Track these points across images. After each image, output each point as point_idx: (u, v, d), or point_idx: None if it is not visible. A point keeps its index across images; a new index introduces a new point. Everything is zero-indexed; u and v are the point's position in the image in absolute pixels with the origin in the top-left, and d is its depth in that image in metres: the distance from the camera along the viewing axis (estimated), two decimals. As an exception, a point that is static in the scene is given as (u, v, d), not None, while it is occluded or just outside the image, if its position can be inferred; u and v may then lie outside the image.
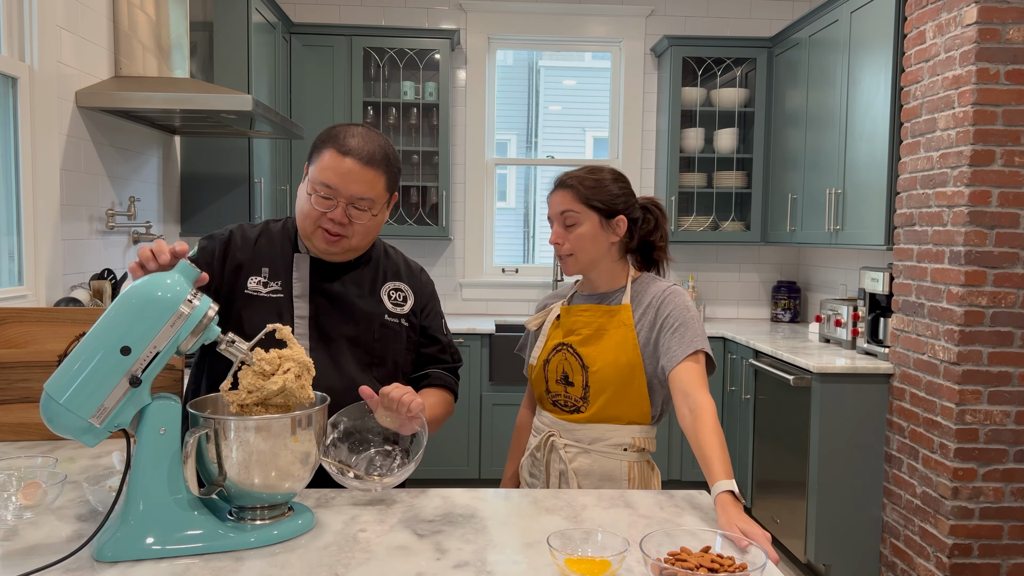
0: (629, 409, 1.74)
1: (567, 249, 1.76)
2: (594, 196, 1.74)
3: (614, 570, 1.14)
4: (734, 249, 5.01)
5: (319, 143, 1.61)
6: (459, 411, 4.32)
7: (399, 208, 4.74)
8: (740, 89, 4.69)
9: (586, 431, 1.75)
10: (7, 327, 1.91)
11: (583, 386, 1.75)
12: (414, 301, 1.76)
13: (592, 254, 1.77)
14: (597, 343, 1.75)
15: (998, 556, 2.90)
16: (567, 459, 1.74)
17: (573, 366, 1.77)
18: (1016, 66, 2.79)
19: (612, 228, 1.76)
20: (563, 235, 1.76)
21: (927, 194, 3.05)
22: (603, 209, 1.75)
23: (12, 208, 2.65)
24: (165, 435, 1.23)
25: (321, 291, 1.66)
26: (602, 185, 1.76)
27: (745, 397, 4.06)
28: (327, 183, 1.56)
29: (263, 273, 1.65)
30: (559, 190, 1.78)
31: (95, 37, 3.04)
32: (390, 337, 1.70)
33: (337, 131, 1.60)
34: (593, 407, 1.74)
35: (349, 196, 1.57)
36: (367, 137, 1.60)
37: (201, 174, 3.88)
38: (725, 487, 1.43)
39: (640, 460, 1.77)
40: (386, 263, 1.77)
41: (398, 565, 1.20)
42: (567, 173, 1.80)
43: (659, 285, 1.78)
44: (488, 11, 4.85)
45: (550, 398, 1.82)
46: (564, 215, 1.75)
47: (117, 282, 2.99)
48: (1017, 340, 2.85)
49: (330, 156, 1.57)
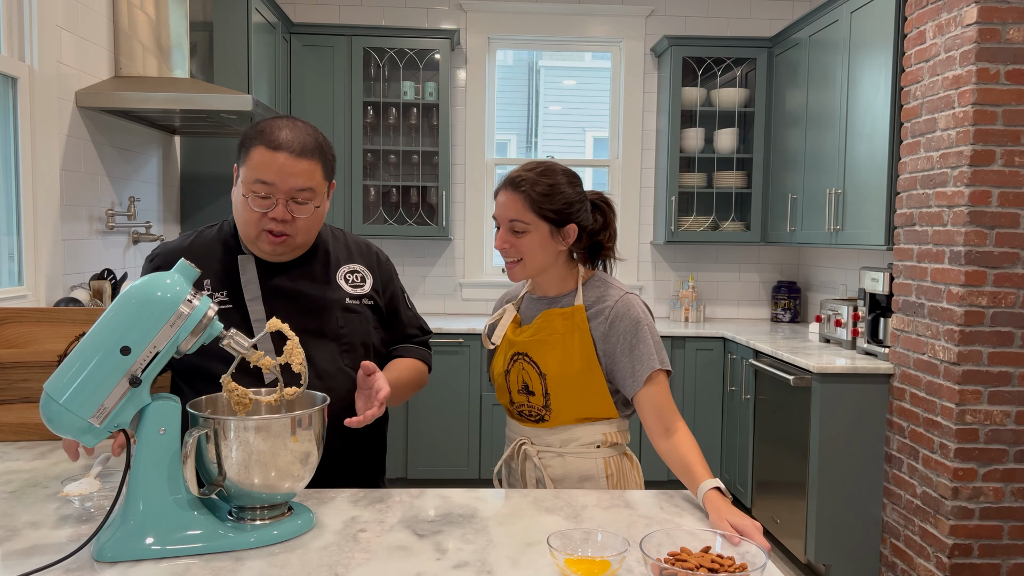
0: (594, 408, 1.69)
1: (513, 255, 1.68)
2: (547, 204, 1.64)
3: (614, 570, 1.14)
4: (734, 249, 5.01)
5: (246, 141, 1.53)
6: (459, 411, 4.33)
7: (399, 208, 4.75)
8: (740, 89, 4.69)
9: (556, 435, 1.70)
10: (7, 327, 1.91)
11: (543, 394, 1.68)
12: (373, 279, 1.70)
13: (540, 262, 1.68)
14: (552, 349, 1.68)
15: (998, 556, 2.90)
16: (541, 465, 1.70)
17: (531, 375, 1.70)
18: (1016, 66, 2.79)
19: (562, 236, 1.67)
20: (510, 240, 1.66)
21: (927, 194, 3.05)
22: (555, 219, 1.65)
23: (12, 208, 2.65)
24: (165, 435, 1.23)
25: (273, 289, 1.60)
26: (556, 191, 1.65)
27: (745, 397, 4.06)
28: (263, 180, 1.49)
29: (205, 286, 1.58)
30: (510, 192, 1.66)
31: (95, 37, 3.04)
32: (355, 321, 1.64)
33: (263, 126, 1.53)
34: (557, 414, 1.68)
35: (288, 190, 1.50)
36: (295, 128, 1.53)
37: (201, 174, 3.88)
38: (711, 485, 1.45)
39: (615, 454, 1.72)
40: (335, 247, 1.70)
41: (398, 565, 1.20)
42: (519, 174, 1.67)
43: (611, 294, 1.70)
44: (488, 11, 4.85)
45: (515, 408, 1.76)
46: (513, 223, 1.65)
47: (117, 282, 2.99)
48: (1017, 340, 2.85)
49: (260, 153, 1.49)
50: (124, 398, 1.20)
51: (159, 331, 1.21)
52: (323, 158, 1.56)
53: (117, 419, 1.21)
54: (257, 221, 1.53)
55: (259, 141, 1.51)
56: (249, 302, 1.58)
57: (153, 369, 1.22)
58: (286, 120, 1.55)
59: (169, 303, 1.22)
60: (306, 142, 1.52)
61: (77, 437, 1.19)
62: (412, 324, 1.79)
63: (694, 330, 4.39)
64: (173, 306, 1.22)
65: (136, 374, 1.20)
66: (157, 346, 1.21)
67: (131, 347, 1.19)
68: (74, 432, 1.19)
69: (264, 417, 1.29)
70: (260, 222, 1.53)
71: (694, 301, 4.81)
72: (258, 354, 1.32)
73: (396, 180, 4.72)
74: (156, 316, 1.21)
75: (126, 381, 1.20)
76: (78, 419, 1.18)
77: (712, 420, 4.33)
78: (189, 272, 1.26)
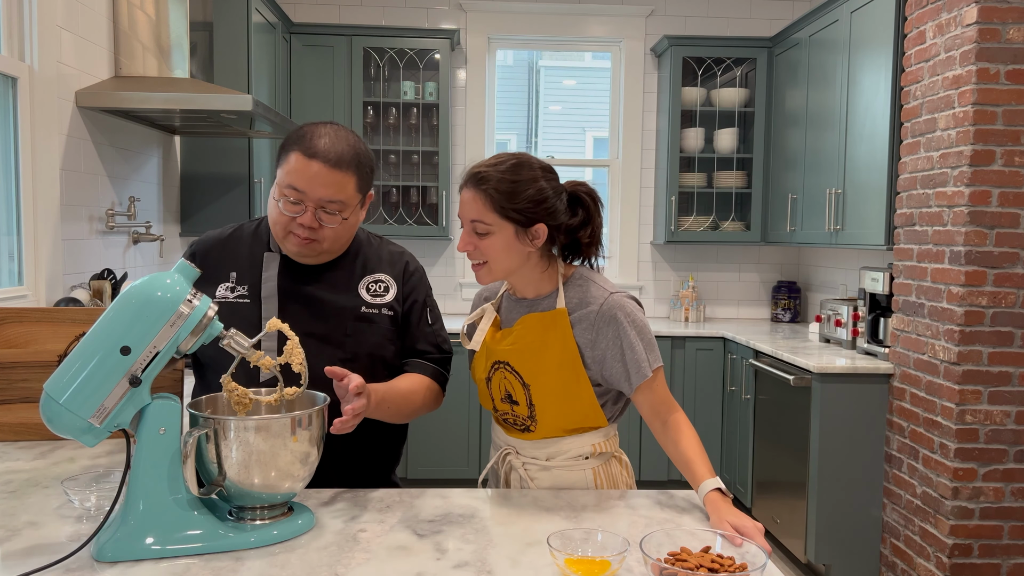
0: (581, 418, 1.59)
1: (478, 257, 1.55)
2: (510, 204, 1.50)
3: (614, 570, 1.14)
4: (734, 249, 5.01)
5: (287, 143, 1.54)
6: (459, 411, 4.33)
7: (399, 208, 4.75)
8: (740, 89, 4.69)
9: (542, 447, 1.62)
10: (7, 327, 1.91)
11: (527, 404, 1.59)
12: (396, 289, 1.68)
13: (507, 265, 1.56)
14: (534, 357, 1.57)
15: (998, 556, 2.90)
16: (527, 477, 1.62)
17: (514, 384, 1.60)
18: (1016, 66, 2.79)
19: (529, 237, 1.54)
20: (473, 242, 1.54)
21: (927, 194, 3.05)
22: (520, 219, 1.52)
23: (12, 208, 2.65)
24: (165, 435, 1.23)
25: (290, 289, 1.61)
26: (520, 188, 1.51)
27: (745, 397, 4.06)
28: (294, 186, 1.51)
29: (231, 278, 1.61)
30: (472, 190, 1.53)
31: (95, 37, 3.04)
32: (365, 330, 1.62)
33: (304, 131, 1.54)
34: (542, 425, 1.59)
35: (317, 200, 1.51)
36: (336, 137, 1.53)
37: (201, 174, 3.88)
38: (712, 486, 1.43)
39: (603, 462, 1.64)
40: (366, 254, 1.69)
41: (398, 565, 1.20)
42: (482, 170, 1.53)
43: (594, 295, 1.58)
44: (488, 11, 4.85)
45: (499, 416, 1.68)
46: (474, 224, 1.53)
47: (117, 282, 2.99)
48: (1017, 340, 2.85)
49: (296, 159, 1.50)
50: (124, 398, 1.20)
51: (159, 331, 1.21)
52: (358, 171, 1.56)
53: (117, 419, 1.21)
54: (286, 223, 1.55)
55: (298, 147, 1.52)
56: (264, 299, 1.60)
57: (153, 369, 1.22)
58: (329, 128, 1.55)
59: (169, 303, 1.22)
60: (343, 154, 1.52)
61: (77, 437, 1.19)
62: (427, 340, 1.71)
63: (694, 330, 4.39)
64: (173, 306, 1.22)
65: (136, 374, 1.20)
66: (157, 346, 1.21)
67: (131, 347, 1.19)
68: (74, 432, 1.19)
69: (264, 417, 1.29)
70: (288, 225, 1.55)
71: (694, 301, 4.81)
72: (258, 354, 1.32)
73: (396, 180, 4.72)
74: (156, 316, 1.21)
75: (126, 381, 1.20)
76: (78, 419, 1.18)
77: (712, 420, 4.33)
78: (189, 272, 1.26)
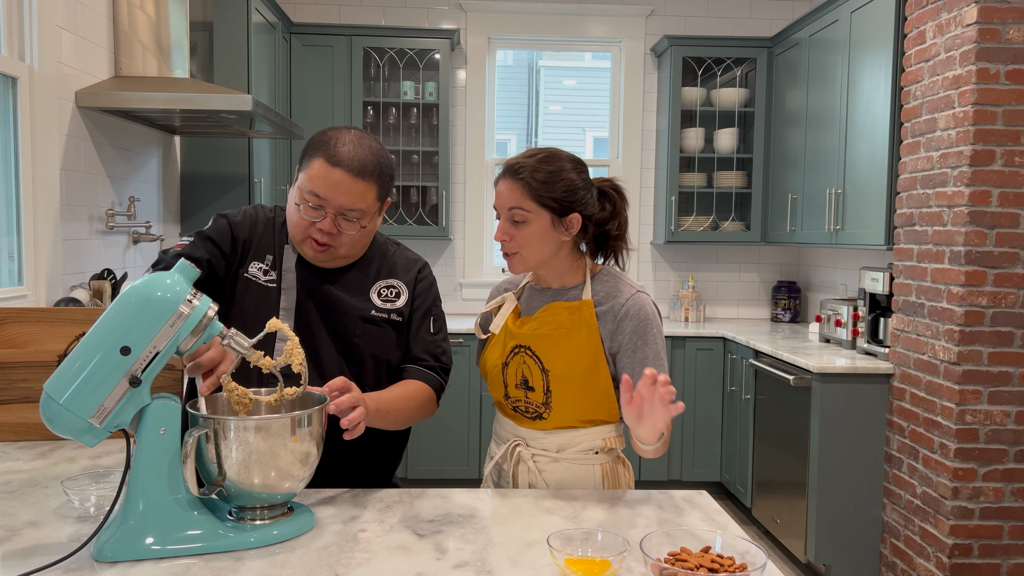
0: (596, 410, 1.62)
1: (513, 247, 1.60)
2: (547, 192, 1.56)
3: (614, 570, 1.14)
4: (734, 249, 5.01)
5: (310, 149, 1.56)
6: (459, 411, 4.33)
7: (399, 208, 4.75)
8: (740, 89, 4.69)
9: (553, 438, 1.63)
10: (7, 327, 1.91)
11: (544, 390, 1.61)
12: (407, 296, 1.70)
13: (540, 254, 1.61)
14: (557, 344, 1.60)
15: (998, 556, 2.90)
16: (536, 470, 1.63)
17: (532, 369, 1.62)
18: (1016, 66, 2.79)
19: (564, 227, 1.60)
20: (510, 232, 1.59)
21: (927, 194, 3.05)
22: (556, 208, 1.58)
23: (12, 208, 2.65)
24: (165, 435, 1.23)
25: (308, 284, 1.64)
26: (557, 178, 1.57)
27: (745, 397, 4.06)
28: (316, 193, 1.52)
29: (266, 260, 1.64)
30: (509, 179, 1.59)
31: (95, 37, 3.04)
32: (374, 334, 1.64)
33: (328, 137, 1.55)
34: (557, 413, 1.61)
35: (338, 207, 1.53)
36: (359, 144, 1.54)
37: (201, 174, 3.88)
38: None
39: (611, 459, 1.66)
40: (381, 260, 1.72)
41: (398, 565, 1.20)
42: (518, 161, 1.59)
43: (622, 290, 1.63)
44: (488, 11, 4.85)
45: (510, 403, 1.68)
46: (512, 212, 1.57)
47: (117, 282, 2.99)
48: (1017, 340, 2.85)
49: (319, 165, 1.52)
50: (124, 398, 1.20)
51: (159, 331, 1.21)
52: (379, 180, 1.58)
53: (117, 419, 1.21)
54: (305, 228, 1.57)
55: (321, 153, 1.53)
56: (284, 290, 1.63)
57: (153, 369, 1.22)
58: (353, 135, 1.56)
59: (169, 303, 1.22)
60: (366, 162, 1.54)
61: (77, 437, 1.19)
62: (425, 348, 1.70)
63: (694, 330, 4.39)
64: (173, 306, 1.22)
65: (136, 374, 1.20)
66: (157, 346, 1.21)
67: (131, 347, 1.19)
68: (74, 432, 1.19)
69: (264, 417, 1.29)
70: (307, 229, 1.57)
71: (694, 301, 4.81)
72: (258, 354, 1.32)
73: (396, 180, 4.71)
74: (156, 316, 1.21)
75: (126, 381, 1.20)
76: (78, 419, 1.18)
77: (712, 420, 4.34)
78: (189, 272, 1.26)
